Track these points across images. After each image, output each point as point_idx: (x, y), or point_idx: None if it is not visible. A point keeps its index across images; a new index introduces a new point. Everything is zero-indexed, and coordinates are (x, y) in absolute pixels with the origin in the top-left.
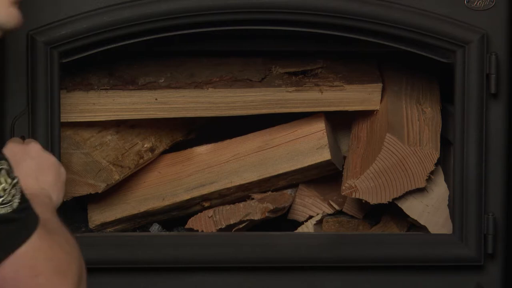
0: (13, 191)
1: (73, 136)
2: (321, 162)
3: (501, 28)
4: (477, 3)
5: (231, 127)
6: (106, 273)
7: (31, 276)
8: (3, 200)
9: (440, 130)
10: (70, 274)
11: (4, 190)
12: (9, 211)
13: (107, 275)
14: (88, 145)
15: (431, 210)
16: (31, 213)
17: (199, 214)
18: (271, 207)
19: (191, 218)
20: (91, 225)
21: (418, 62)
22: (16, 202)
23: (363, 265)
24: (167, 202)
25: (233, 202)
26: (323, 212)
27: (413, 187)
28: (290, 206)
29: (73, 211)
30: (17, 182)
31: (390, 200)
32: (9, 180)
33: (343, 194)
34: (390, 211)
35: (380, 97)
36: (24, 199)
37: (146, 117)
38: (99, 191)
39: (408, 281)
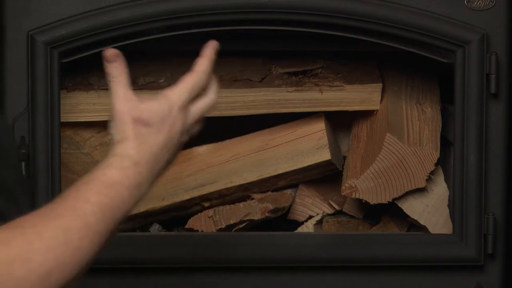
0: None
1: (73, 136)
2: (321, 162)
3: (501, 28)
4: (477, 3)
5: (231, 127)
6: (106, 273)
7: None
8: None
9: (440, 130)
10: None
11: None
12: None
13: (107, 275)
14: (88, 145)
15: (431, 210)
16: None
17: (199, 214)
18: (271, 207)
19: (191, 218)
20: None
21: (418, 62)
22: None
23: (363, 265)
24: (167, 202)
25: (233, 202)
26: (323, 212)
27: (413, 187)
28: (290, 206)
29: None
30: None
31: (390, 200)
32: None
33: (343, 194)
34: (390, 211)
35: (380, 97)
36: None
37: None
38: None
39: (408, 281)
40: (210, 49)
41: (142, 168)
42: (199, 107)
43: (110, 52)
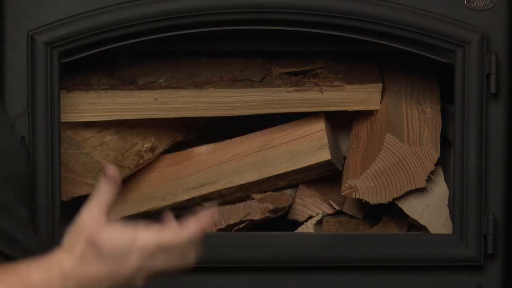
0: None
1: (73, 136)
2: (321, 162)
3: (501, 28)
4: (477, 3)
5: (231, 127)
6: None
7: None
8: None
9: (440, 130)
10: None
11: None
12: None
13: None
14: (88, 145)
15: (431, 210)
16: None
17: None
18: (271, 207)
19: None
20: None
21: (418, 62)
22: None
23: (363, 265)
24: (167, 202)
25: (233, 202)
26: (323, 212)
27: (413, 187)
28: (290, 206)
29: (73, 211)
30: None
31: (390, 200)
32: None
33: (343, 194)
34: (390, 211)
35: (380, 97)
36: None
37: (146, 117)
38: None
39: (408, 281)
40: (206, 218)
41: (68, 285)
42: (169, 264)
43: (112, 171)
